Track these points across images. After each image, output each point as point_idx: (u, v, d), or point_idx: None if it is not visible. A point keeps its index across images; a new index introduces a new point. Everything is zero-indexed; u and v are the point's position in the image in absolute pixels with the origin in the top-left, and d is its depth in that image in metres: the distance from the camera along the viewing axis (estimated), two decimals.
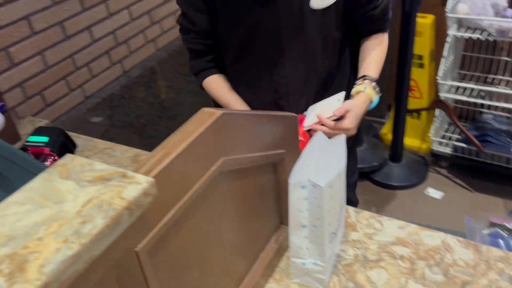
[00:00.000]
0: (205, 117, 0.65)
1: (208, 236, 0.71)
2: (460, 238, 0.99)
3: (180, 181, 0.60)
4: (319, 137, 0.91)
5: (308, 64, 1.16)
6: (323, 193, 0.79)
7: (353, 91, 1.13)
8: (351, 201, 1.54)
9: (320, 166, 0.89)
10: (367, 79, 1.13)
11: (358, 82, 1.14)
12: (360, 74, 1.16)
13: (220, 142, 0.67)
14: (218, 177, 0.70)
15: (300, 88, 1.19)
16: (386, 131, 2.64)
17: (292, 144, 0.92)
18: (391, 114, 2.46)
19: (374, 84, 1.13)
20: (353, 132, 1.08)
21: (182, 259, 0.66)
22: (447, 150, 2.44)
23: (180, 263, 0.66)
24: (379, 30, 1.21)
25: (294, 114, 0.91)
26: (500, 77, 2.38)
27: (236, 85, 1.23)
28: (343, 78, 1.26)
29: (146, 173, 0.55)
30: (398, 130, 2.40)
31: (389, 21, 1.21)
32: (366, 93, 1.11)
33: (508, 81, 2.36)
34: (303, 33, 1.11)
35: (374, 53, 1.18)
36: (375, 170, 2.46)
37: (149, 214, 0.56)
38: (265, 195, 0.90)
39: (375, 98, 1.13)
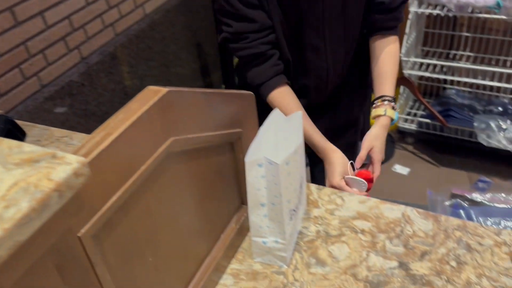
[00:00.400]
0: (150, 95, 0.62)
1: (161, 219, 0.70)
2: (420, 210, 1.00)
3: (125, 162, 0.58)
4: (275, 115, 0.89)
5: (346, 48, 1.19)
6: (279, 170, 0.78)
7: (373, 113, 1.15)
8: None
9: (277, 143, 0.88)
10: (386, 99, 1.14)
11: (377, 103, 1.15)
12: (378, 92, 1.17)
13: (168, 121, 0.65)
14: (168, 158, 0.68)
15: (340, 71, 1.23)
16: None
17: (249, 122, 0.90)
18: None
19: (393, 104, 1.14)
20: (383, 157, 1.15)
21: (133, 243, 0.64)
22: (412, 127, 2.48)
23: (132, 248, 0.64)
24: (389, 28, 1.17)
25: (250, 92, 0.89)
26: (461, 52, 2.41)
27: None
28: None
29: (85, 155, 0.53)
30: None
31: (400, 21, 1.18)
32: (387, 116, 1.13)
33: (469, 56, 2.40)
34: (344, 20, 1.13)
35: (390, 65, 1.17)
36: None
37: (90, 197, 0.53)
38: (224, 175, 0.88)
39: (395, 116, 1.15)
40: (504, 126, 2.11)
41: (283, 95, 1.14)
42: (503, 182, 1.69)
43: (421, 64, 2.35)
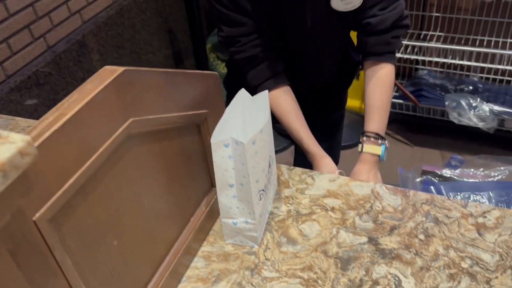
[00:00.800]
0: (106, 75, 0.61)
1: (125, 202, 0.68)
2: (389, 186, 1.01)
3: (81, 144, 0.57)
4: (242, 94, 0.88)
5: (330, 61, 1.21)
6: (246, 150, 0.77)
7: (359, 147, 1.14)
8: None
9: (243, 123, 0.87)
10: (367, 135, 1.13)
11: (361, 138, 1.15)
12: (364, 126, 1.15)
13: (127, 101, 0.64)
14: (129, 140, 0.66)
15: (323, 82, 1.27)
16: None
17: (215, 103, 0.89)
18: None
19: (373, 139, 1.12)
20: (376, 181, 1.10)
21: (95, 227, 0.63)
22: None
23: (93, 232, 0.62)
24: (380, 54, 1.13)
25: (214, 72, 0.88)
26: (432, 32, 2.43)
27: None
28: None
29: (37, 137, 0.51)
30: None
31: (394, 47, 1.13)
32: (365, 152, 1.12)
33: (439, 36, 2.42)
34: (328, 31, 1.12)
35: (377, 99, 1.14)
36: None
37: (44, 179, 0.52)
38: (191, 157, 0.87)
39: (381, 151, 1.12)
40: (474, 104, 2.14)
41: (276, 98, 1.13)
42: (475, 159, 1.73)
43: None
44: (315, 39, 1.14)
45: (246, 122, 0.89)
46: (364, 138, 1.13)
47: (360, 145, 1.13)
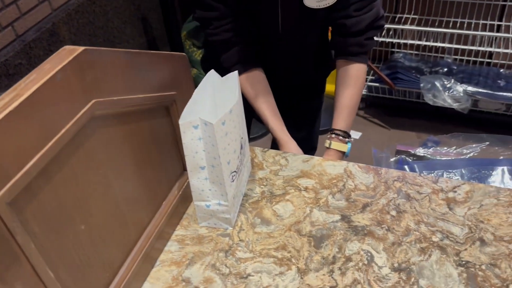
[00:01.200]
0: (65, 54, 0.59)
1: (92, 186, 0.67)
2: (361, 164, 1.01)
3: (40, 125, 0.55)
4: (211, 75, 0.87)
5: (303, 56, 1.19)
6: (215, 130, 0.76)
7: (326, 143, 1.15)
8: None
9: (213, 104, 0.86)
10: (335, 132, 1.15)
11: (328, 135, 1.16)
12: (332, 123, 1.18)
13: (88, 82, 0.62)
14: (93, 121, 0.65)
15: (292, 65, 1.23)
16: None
17: (184, 85, 0.88)
18: None
19: (341, 137, 1.15)
20: None
21: (61, 211, 0.61)
22: (363, 92, 2.51)
23: (60, 215, 0.61)
24: (352, 54, 1.12)
25: (182, 53, 0.87)
26: (407, 15, 2.45)
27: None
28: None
29: None
30: None
31: (366, 48, 1.13)
32: (331, 148, 1.13)
33: (414, 19, 2.43)
34: (301, 27, 1.12)
35: (347, 98, 1.16)
36: None
37: (2, 161, 0.50)
38: (161, 141, 0.86)
39: (346, 149, 1.15)
40: (448, 85, 2.16)
41: (246, 82, 1.14)
42: (448, 138, 1.75)
43: None
44: (287, 35, 1.13)
45: (216, 103, 0.88)
46: (333, 136, 1.15)
47: (328, 141, 1.15)
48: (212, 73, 0.88)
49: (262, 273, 0.81)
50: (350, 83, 1.15)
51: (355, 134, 2.38)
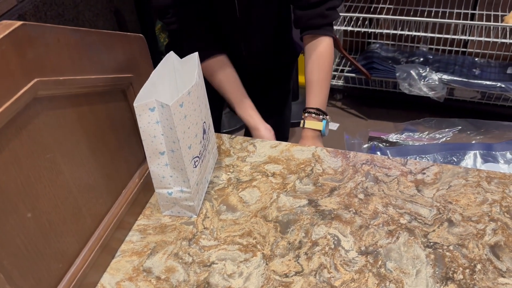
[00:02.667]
0: (1, 29, 0.55)
1: (39, 171, 0.63)
2: (329, 149, 0.99)
3: None
4: (169, 57, 0.84)
5: (264, 38, 1.16)
6: (172, 112, 0.73)
7: (301, 123, 1.14)
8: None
9: (171, 86, 0.83)
10: (308, 111, 1.12)
11: (303, 114, 1.14)
12: (306, 102, 1.15)
13: (29, 59, 0.58)
14: (37, 102, 0.61)
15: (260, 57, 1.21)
16: None
17: (142, 68, 0.85)
18: None
19: (314, 115, 1.12)
20: None
21: (3, 196, 0.58)
22: (340, 83, 2.50)
23: (1, 201, 0.58)
24: (316, 27, 1.10)
25: (140, 35, 0.83)
26: (382, 5, 2.44)
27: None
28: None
29: None
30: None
31: (329, 18, 1.10)
32: (306, 128, 1.11)
33: (389, 9, 2.43)
34: (257, 10, 1.09)
35: (316, 73, 1.12)
36: None
37: None
38: (119, 126, 0.83)
39: (322, 127, 1.12)
40: (424, 74, 2.16)
41: (210, 69, 1.11)
42: (424, 128, 1.74)
43: (344, 19, 2.36)
44: (246, 19, 1.11)
45: (176, 85, 0.85)
46: (306, 114, 1.12)
47: (301, 122, 1.12)
48: (171, 55, 0.85)
49: (226, 261, 0.79)
50: (317, 57, 1.12)
51: (333, 126, 2.37)
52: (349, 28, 2.31)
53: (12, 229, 0.60)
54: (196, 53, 0.85)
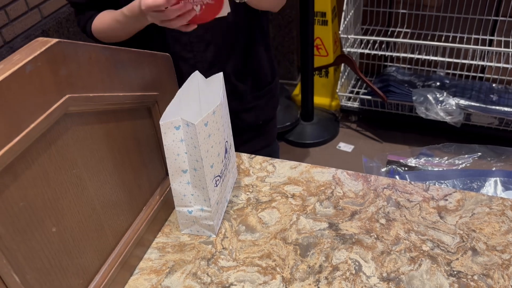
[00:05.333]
0: (37, 46, 0.56)
1: (65, 186, 0.64)
2: (350, 172, 0.98)
3: (6, 118, 0.52)
4: (195, 76, 0.85)
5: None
6: (197, 131, 0.74)
7: None
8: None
9: (196, 105, 0.84)
10: None
11: None
12: None
13: (62, 76, 0.59)
14: (67, 118, 0.62)
15: (203, 37, 1.04)
16: (297, 92, 2.66)
17: (167, 86, 0.85)
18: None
19: None
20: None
21: (29, 211, 0.58)
22: (355, 105, 2.50)
23: (28, 216, 0.58)
24: None
25: (166, 54, 0.84)
26: (399, 29, 2.45)
27: (132, 41, 1.04)
28: (259, 28, 1.11)
29: None
30: (307, 89, 2.41)
31: None
32: None
33: (406, 33, 2.44)
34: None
35: None
36: (289, 130, 2.47)
37: None
38: (143, 143, 0.83)
39: None
40: (441, 98, 2.15)
41: (99, 17, 1.02)
42: (443, 154, 1.73)
43: (361, 42, 2.37)
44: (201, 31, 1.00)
45: (200, 104, 0.86)
46: None
47: None
48: (196, 74, 0.86)
49: (245, 282, 0.78)
50: None
51: (348, 147, 2.36)
52: (366, 51, 2.32)
53: (37, 243, 0.60)
54: (221, 74, 0.86)
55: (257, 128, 1.23)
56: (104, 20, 1.01)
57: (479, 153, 1.30)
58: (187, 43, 1.04)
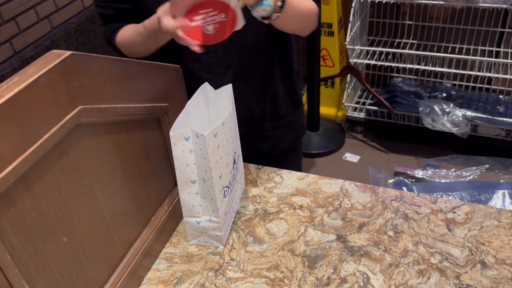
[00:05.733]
0: (51, 58, 0.57)
1: (77, 196, 0.64)
2: (358, 183, 0.98)
3: (21, 129, 0.53)
4: (204, 88, 0.86)
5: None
6: (207, 142, 0.74)
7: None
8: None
9: (205, 116, 0.84)
10: None
11: None
12: None
13: (74, 87, 0.60)
14: (79, 129, 0.63)
15: (223, 59, 1.01)
16: (304, 102, 2.66)
17: (177, 97, 0.86)
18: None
19: None
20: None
21: (41, 221, 0.58)
22: (361, 115, 2.50)
23: (40, 225, 0.58)
24: None
25: (176, 65, 0.85)
26: (405, 40, 2.46)
27: (151, 58, 0.94)
28: (282, 53, 1.06)
29: None
30: (313, 100, 2.42)
31: None
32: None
33: (412, 44, 2.44)
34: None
35: None
36: None
37: None
38: (152, 154, 0.84)
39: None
40: (447, 110, 2.15)
41: (122, 31, 1.01)
42: (450, 165, 1.72)
43: (367, 53, 2.38)
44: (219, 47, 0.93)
45: (209, 115, 0.86)
46: None
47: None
48: (206, 85, 0.86)
49: None
50: None
51: (354, 158, 2.36)
52: (372, 62, 2.33)
53: (48, 253, 0.61)
54: (230, 85, 0.86)
55: (275, 157, 1.17)
56: (127, 32, 1.01)
57: (486, 165, 1.29)
58: (206, 63, 1.01)
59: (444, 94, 2.38)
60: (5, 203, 0.53)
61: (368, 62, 2.34)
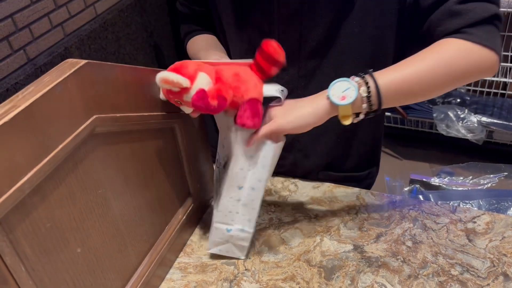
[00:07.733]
0: (67, 67, 0.57)
1: (91, 206, 0.64)
2: (375, 192, 0.97)
3: (37, 139, 0.52)
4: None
5: (300, 32, 0.85)
6: (275, 152, 0.73)
7: None
8: None
9: None
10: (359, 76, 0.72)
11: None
12: None
13: (90, 96, 0.59)
14: (94, 138, 0.62)
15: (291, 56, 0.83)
16: None
17: None
18: None
19: (356, 78, 0.71)
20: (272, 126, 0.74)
21: (56, 232, 0.58)
22: None
23: (54, 236, 0.58)
24: (450, 32, 0.72)
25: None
26: None
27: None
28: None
29: None
30: None
31: (470, 14, 0.70)
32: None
33: None
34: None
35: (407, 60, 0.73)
36: None
37: None
38: (166, 163, 0.83)
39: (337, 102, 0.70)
40: (462, 116, 2.12)
41: (193, 43, 1.01)
42: (464, 172, 1.69)
43: None
44: (281, 13, 0.85)
45: None
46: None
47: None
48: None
49: None
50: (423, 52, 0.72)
51: None
52: None
53: (62, 264, 0.60)
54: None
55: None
56: (194, 46, 1.01)
57: (505, 173, 1.27)
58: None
59: (458, 100, 2.34)
60: (20, 214, 0.52)
61: None
